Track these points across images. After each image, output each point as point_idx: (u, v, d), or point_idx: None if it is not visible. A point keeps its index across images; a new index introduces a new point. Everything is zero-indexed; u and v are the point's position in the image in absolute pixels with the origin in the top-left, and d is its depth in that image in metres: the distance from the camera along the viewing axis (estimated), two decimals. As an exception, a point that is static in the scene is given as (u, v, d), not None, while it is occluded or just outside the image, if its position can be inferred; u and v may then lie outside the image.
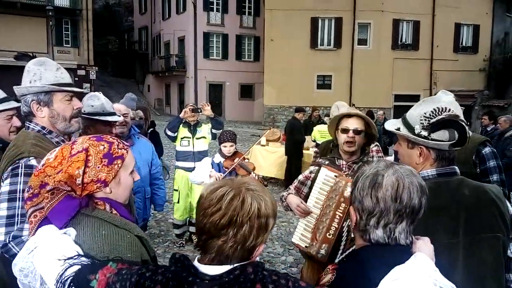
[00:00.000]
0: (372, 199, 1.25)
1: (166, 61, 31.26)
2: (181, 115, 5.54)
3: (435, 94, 3.45)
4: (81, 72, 28.17)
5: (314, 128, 9.62)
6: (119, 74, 37.43)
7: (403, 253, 1.22)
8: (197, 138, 5.61)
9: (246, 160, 4.18)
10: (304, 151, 9.33)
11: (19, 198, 1.76)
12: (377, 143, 3.71)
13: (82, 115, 2.72)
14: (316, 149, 8.77)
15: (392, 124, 1.82)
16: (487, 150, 2.86)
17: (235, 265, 1.09)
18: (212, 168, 4.27)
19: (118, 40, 39.72)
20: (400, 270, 1.13)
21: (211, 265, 1.11)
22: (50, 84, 1.97)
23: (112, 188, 1.40)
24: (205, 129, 5.71)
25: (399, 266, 1.14)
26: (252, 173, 3.99)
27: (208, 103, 5.72)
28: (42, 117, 1.99)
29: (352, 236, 2.14)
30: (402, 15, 25.08)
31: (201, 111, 5.54)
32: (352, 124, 2.61)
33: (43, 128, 1.99)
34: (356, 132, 2.59)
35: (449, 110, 1.63)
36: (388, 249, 1.25)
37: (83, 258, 1.23)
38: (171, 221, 6.12)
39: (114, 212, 1.40)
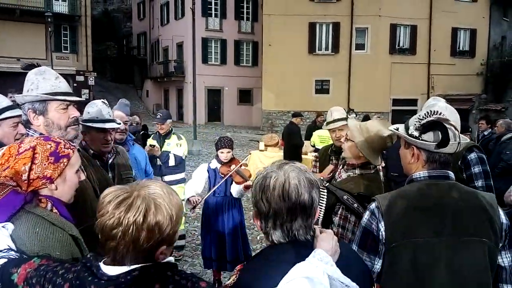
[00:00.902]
0: (264, 202, 1.28)
1: (164, 66, 31.33)
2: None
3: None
4: (80, 78, 28.21)
5: (314, 133, 9.65)
6: (117, 79, 37.48)
7: (304, 249, 1.25)
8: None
9: (243, 167, 4.19)
10: (302, 156, 9.35)
11: None
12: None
13: (81, 122, 2.75)
14: (316, 153, 8.79)
15: (394, 125, 1.89)
16: (472, 156, 2.88)
17: (135, 266, 1.12)
18: (209, 174, 4.28)
19: (116, 46, 39.81)
20: (296, 269, 1.16)
21: (112, 266, 1.14)
22: (45, 93, 1.99)
23: (58, 185, 1.48)
24: (173, 141, 5.43)
25: (297, 264, 1.18)
26: (248, 180, 4.00)
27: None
28: (38, 126, 2.02)
29: None
30: (399, 20, 25.19)
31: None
32: (344, 131, 2.84)
33: (41, 134, 2.01)
34: (346, 139, 2.69)
35: (440, 113, 1.67)
36: (289, 246, 1.28)
37: (12, 252, 1.29)
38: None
39: (55, 210, 1.47)
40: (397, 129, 1.82)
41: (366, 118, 10.70)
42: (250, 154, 9.40)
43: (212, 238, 4.27)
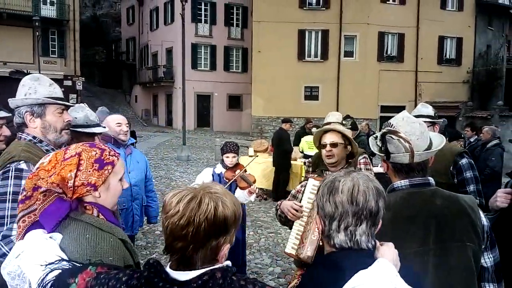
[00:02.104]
0: (331, 204, 1.30)
1: (153, 72, 31.22)
2: None
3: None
4: (68, 83, 27.94)
5: (302, 139, 9.68)
6: (106, 84, 37.22)
7: (366, 258, 1.26)
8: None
9: (247, 172, 4.18)
10: (292, 162, 9.37)
11: (9, 199, 1.86)
12: (366, 155, 3.76)
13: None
14: (305, 159, 8.82)
15: (377, 134, 1.93)
16: (464, 161, 2.94)
17: (204, 270, 1.13)
18: (213, 179, 4.26)
19: (105, 51, 39.58)
20: (361, 276, 1.16)
21: (181, 271, 1.14)
22: (44, 97, 2.11)
23: (101, 192, 1.46)
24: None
25: (362, 271, 1.17)
26: (252, 185, 3.98)
27: None
28: (34, 128, 2.11)
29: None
30: (387, 28, 25.54)
31: None
32: (329, 138, 2.80)
33: (34, 137, 2.11)
34: (332, 145, 2.77)
35: (392, 125, 1.74)
36: (352, 253, 1.29)
37: (64, 263, 1.27)
38: (159, 232, 6.06)
39: (101, 216, 1.45)
40: (376, 138, 1.85)
41: (354, 124, 10.78)
42: (257, 156, 9.39)
43: None
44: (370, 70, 25.31)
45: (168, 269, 1.16)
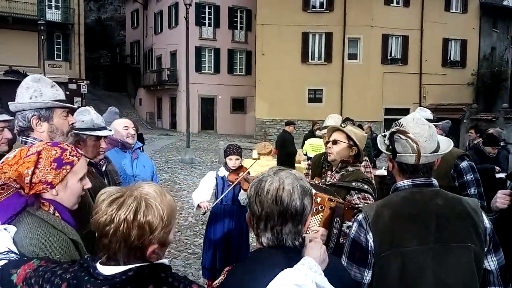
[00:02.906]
0: (257, 204, 1.33)
1: (158, 75, 31.35)
2: None
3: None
4: (73, 86, 28.11)
5: (306, 141, 9.67)
6: (110, 88, 37.39)
7: (293, 255, 1.29)
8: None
9: (251, 175, 4.18)
10: (296, 164, 9.36)
11: None
12: (366, 159, 3.75)
13: (76, 130, 2.74)
14: (309, 161, 8.80)
15: (384, 132, 1.93)
16: (464, 164, 2.93)
17: (130, 266, 1.16)
18: (216, 182, 4.25)
19: (110, 54, 39.78)
20: (286, 275, 1.19)
21: (108, 266, 1.18)
22: (51, 101, 2.07)
23: (59, 191, 1.51)
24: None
25: (286, 269, 1.21)
26: None
27: None
28: (41, 132, 2.07)
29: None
30: (391, 30, 25.51)
31: None
32: (333, 136, 2.86)
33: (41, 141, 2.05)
34: (333, 142, 2.82)
35: (401, 125, 1.75)
36: (278, 250, 1.32)
37: (12, 255, 1.34)
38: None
39: (57, 214, 1.50)
40: (384, 136, 1.86)
41: (360, 127, 10.76)
42: (258, 159, 9.40)
43: (218, 247, 4.21)
44: (374, 72, 25.27)
45: (97, 264, 1.20)
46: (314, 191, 2.41)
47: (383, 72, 25.49)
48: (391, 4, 25.62)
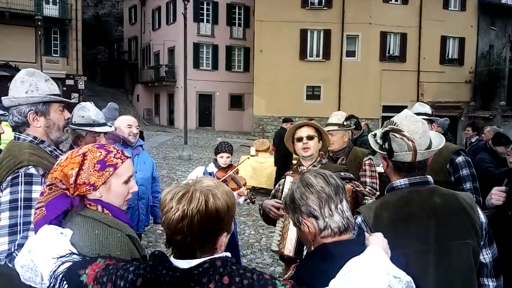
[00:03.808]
0: (314, 195, 1.40)
1: (155, 71, 31.26)
2: None
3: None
4: (70, 82, 28.01)
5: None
6: (108, 84, 37.27)
7: (357, 246, 1.31)
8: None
9: (239, 175, 4.17)
10: (293, 161, 9.35)
11: (20, 206, 1.81)
12: (371, 157, 3.75)
13: (72, 125, 2.73)
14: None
15: (374, 131, 1.93)
16: (460, 159, 2.95)
17: (205, 259, 1.21)
18: None
19: (107, 50, 39.62)
20: (354, 262, 1.21)
21: (183, 260, 1.22)
22: (48, 95, 2.05)
23: (102, 193, 1.51)
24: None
25: (355, 257, 1.23)
26: (242, 187, 3.97)
27: None
28: (38, 127, 2.04)
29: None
30: (390, 28, 25.49)
31: None
32: (304, 132, 2.87)
33: (35, 138, 2.03)
34: (309, 137, 2.85)
35: (395, 123, 1.74)
36: (342, 244, 1.36)
37: (75, 256, 1.35)
38: (160, 232, 6.06)
39: (106, 212, 1.52)
40: (374, 135, 1.85)
41: (357, 124, 10.77)
42: (248, 158, 9.40)
43: None
44: (372, 70, 25.27)
45: (171, 259, 1.24)
46: None
47: (381, 69, 25.50)
48: (390, 2, 25.61)
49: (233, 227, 4.18)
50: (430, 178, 1.75)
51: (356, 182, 2.83)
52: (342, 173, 2.77)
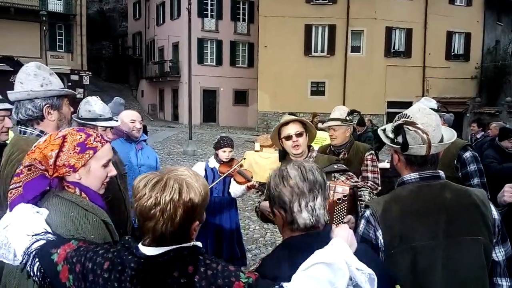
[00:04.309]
0: (287, 188, 1.41)
1: (160, 66, 31.26)
2: None
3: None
4: (74, 77, 28.07)
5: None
6: (112, 79, 37.32)
7: (322, 238, 1.34)
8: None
9: (244, 168, 4.16)
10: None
11: None
12: (372, 152, 3.75)
13: (79, 120, 2.74)
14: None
15: (383, 126, 1.91)
16: (467, 154, 2.93)
17: (172, 247, 1.22)
18: (206, 173, 4.25)
19: (112, 46, 39.63)
20: (316, 255, 1.23)
21: (150, 247, 1.23)
22: (62, 89, 2.11)
23: (82, 175, 1.54)
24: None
25: (318, 250, 1.25)
26: (251, 180, 3.95)
27: None
28: (52, 121, 2.08)
29: None
30: (395, 23, 25.34)
31: None
32: (292, 129, 2.74)
33: (41, 132, 2.05)
34: (298, 135, 2.74)
35: (408, 116, 1.71)
36: (308, 236, 1.39)
37: (49, 235, 1.38)
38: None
39: (84, 195, 1.54)
40: (384, 130, 1.83)
41: (361, 120, 10.74)
42: (245, 159, 9.43)
43: (209, 239, 4.22)
44: (377, 65, 25.15)
45: (139, 245, 1.25)
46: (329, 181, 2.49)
47: (386, 65, 25.37)
48: (395, -3, 25.44)
49: (234, 220, 4.22)
50: (441, 173, 1.72)
51: (350, 173, 2.79)
52: (335, 166, 2.75)
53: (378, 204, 1.70)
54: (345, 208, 2.32)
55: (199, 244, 1.29)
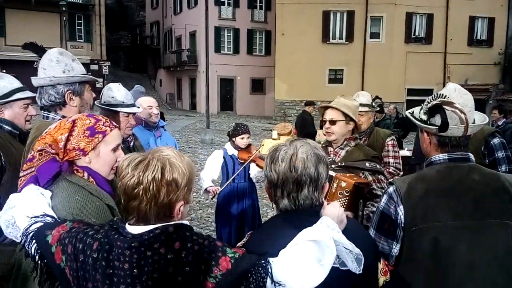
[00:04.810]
0: (273, 173, 1.39)
1: (177, 55, 31.36)
2: None
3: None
4: (94, 67, 28.41)
5: (325, 122, 9.58)
6: (131, 69, 37.66)
7: (310, 217, 1.34)
8: None
9: (264, 153, 4.20)
10: (315, 145, 9.32)
11: None
12: (393, 137, 3.75)
13: (103, 106, 2.79)
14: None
15: (410, 109, 1.88)
16: (495, 141, 2.87)
17: (157, 225, 1.24)
18: (225, 160, 4.28)
19: (130, 35, 39.89)
20: (304, 233, 1.25)
21: (136, 225, 1.26)
22: (83, 75, 2.14)
23: (92, 159, 1.58)
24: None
25: (306, 228, 1.27)
26: None
27: None
28: (73, 106, 2.13)
29: None
30: (415, 8, 24.74)
31: None
32: (328, 115, 2.74)
33: (64, 117, 2.07)
34: (331, 122, 2.72)
35: (445, 96, 1.67)
36: (295, 214, 1.38)
37: (48, 218, 1.42)
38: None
39: (91, 180, 1.58)
40: (412, 113, 1.81)
41: (380, 107, 10.60)
42: (263, 145, 9.41)
43: (232, 225, 4.26)
44: (396, 52, 24.67)
45: (126, 225, 1.28)
46: (335, 173, 2.42)
47: (406, 51, 24.86)
48: (416, -19, 24.81)
49: (256, 206, 4.26)
50: (471, 155, 1.69)
51: (381, 177, 2.66)
52: (367, 163, 2.65)
53: (403, 182, 1.69)
54: (345, 203, 2.28)
55: (186, 222, 1.30)
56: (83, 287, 1.27)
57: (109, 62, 29.23)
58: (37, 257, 1.37)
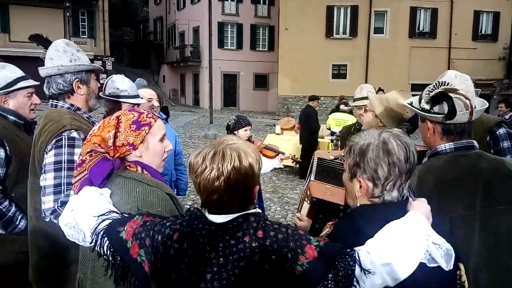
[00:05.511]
0: (386, 166, 1.30)
1: (181, 51, 31.35)
2: None
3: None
4: (98, 63, 27.94)
5: (329, 116, 9.58)
6: (134, 64, 37.68)
7: (398, 210, 1.29)
8: None
9: (269, 143, 4.24)
10: (319, 140, 9.33)
11: (64, 168, 1.93)
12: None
13: (108, 97, 2.81)
14: (332, 137, 8.76)
15: (409, 99, 1.87)
16: (501, 131, 2.85)
17: (239, 214, 1.24)
18: None
19: (133, 31, 39.91)
20: (393, 225, 1.22)
21: (217, 215, 1.26)
22: (90, 64, 2.18)
23: (142, 152, 1.58)
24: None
25: (394, 221, 1.23)
26: (279, 152, 4.01)
27: None
28: (81, 95, 2.16)
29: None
30: (420, 3, 24.61)
31: None
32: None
33: (72, 105, 2.14)
34: (365, 110, 2.74)
35: (448, 83, 1.65)
36: (383, 206, 1.32)
37: (114, 214, 1.42)
38: (187, 206, 6.18)
39: (146, 172, 1.57)
40: (411, 103, 1.79)
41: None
42: (282, 134, 9.49)
43: None
44: (401, 47, 24.57)
45: (206, 214, 1.28)
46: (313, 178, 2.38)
47: (410, 46, 24.76)
48: (420, -25, 24.65)
49: (260, 198, 4.27)
50: (475, 143, 1.69)
51: None
52: None
53: (413, 176, 1.67)
54: (307, 209, 2.17)
55: (260, 211, 1.30)
56: (164, 278, 1.27)
57: (112, 58, 29.23)
58: (110, 254, 1.36)
